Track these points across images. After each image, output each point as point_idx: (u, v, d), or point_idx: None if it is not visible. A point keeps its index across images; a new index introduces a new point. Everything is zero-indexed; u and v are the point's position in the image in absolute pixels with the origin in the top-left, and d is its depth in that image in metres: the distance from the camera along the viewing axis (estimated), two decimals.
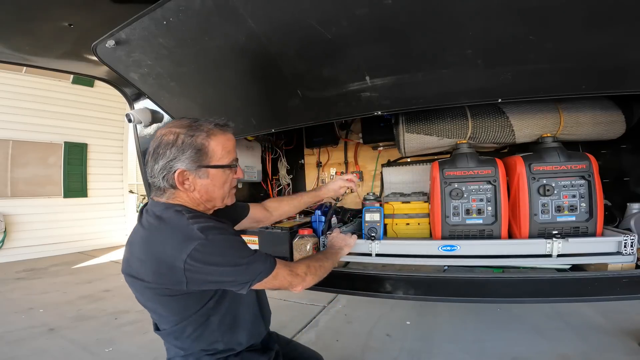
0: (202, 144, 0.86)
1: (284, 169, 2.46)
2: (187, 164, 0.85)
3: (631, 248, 1.17)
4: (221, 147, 0.89)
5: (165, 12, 1.03)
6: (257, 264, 0.84)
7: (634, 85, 1.06)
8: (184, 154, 0.85)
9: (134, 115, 2.09)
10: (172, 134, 0.86)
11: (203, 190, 0.89)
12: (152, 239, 0.82)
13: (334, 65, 1.19)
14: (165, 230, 0.82)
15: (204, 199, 0.91)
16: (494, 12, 0.91)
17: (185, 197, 0.90)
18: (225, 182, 0.93)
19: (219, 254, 0.80)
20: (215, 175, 0.90)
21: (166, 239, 0.80)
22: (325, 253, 1.20)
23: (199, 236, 0.77)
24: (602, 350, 2.01)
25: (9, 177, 5.72)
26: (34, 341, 2.50)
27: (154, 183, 0.89)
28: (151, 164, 0.87)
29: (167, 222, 0.83)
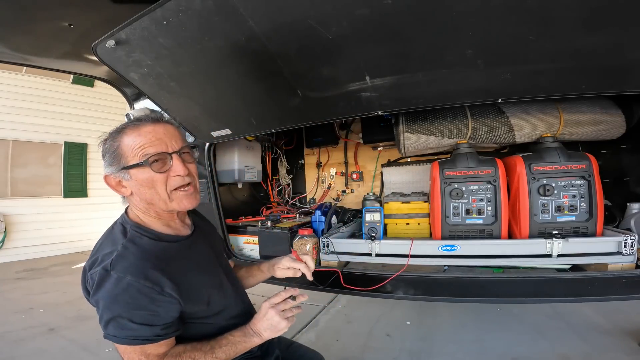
0: (113, 145, 0.83)
1: (284, 169, 2.46)
2: (108, 169, 0.84)
3: (631, 248, 1.17)
4: (131, 145, 0.82)
5: (165, 12, 1.03)
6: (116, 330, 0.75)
7: (634, 85, 1.06)
8: (105, 159, 0.84)
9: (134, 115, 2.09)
10: (102, 144, 0.86)
11: (136, 191, 0.85)
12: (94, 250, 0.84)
13: (334, 65, 1.18)
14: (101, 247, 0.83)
15: (143, 202, 0.86)
16: (494, 12, 0.91)
17: (132, 201, 0.89)
18: (154, 181, 0.82)
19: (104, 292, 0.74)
20: (135, 175, 0.82)
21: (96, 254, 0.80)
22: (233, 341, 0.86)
23: (106, 266, 0.75)
24: (602, 350, 2.01)
25: (9, 177, 5.72)
26: (34, 341, 2.50)
27: None
28: None
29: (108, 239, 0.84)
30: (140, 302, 0.74)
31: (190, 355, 0.80)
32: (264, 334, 0.87)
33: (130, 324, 0.74)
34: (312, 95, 1.33)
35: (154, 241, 0.84)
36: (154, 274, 0.76)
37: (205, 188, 1.96)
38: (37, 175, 6.04)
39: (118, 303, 0.73)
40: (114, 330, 0.75)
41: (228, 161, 2.01)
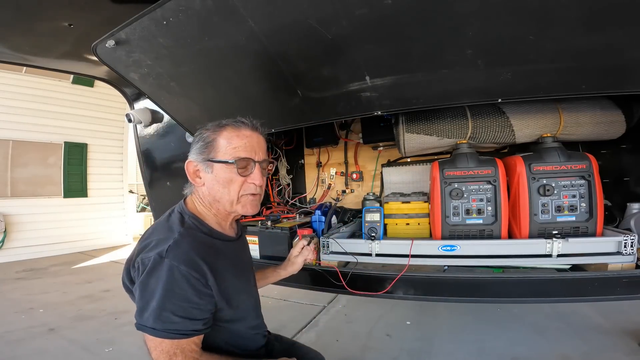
0: (209, 136, 0.87)
1: (284, 169, 2.46)
2: (194, 156, 0.88)
3: (631, 248, 1.17)
4: (227, 142, 0.86)
5: (165, 12, 1.03)
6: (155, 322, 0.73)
7: (634, 85, 1.06)
8: (195, 145, 0.88)
9: (134, 115, 2.09)
10: (203, 131, 0.90)
11: (209, 185, 0.88)
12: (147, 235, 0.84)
13: (334, 65, 1.19)
14: (156, 232, 0.83)
15: (211, 197, 0.89)
16: (494, 12, 0.91)
17: (200, 192, 0.91)
18: (231, 182, 0.86)
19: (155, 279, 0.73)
20: (218, 170, 0.86)
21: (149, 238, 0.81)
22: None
23: (161, 252, 0.75)
24: (602, 350, 2.01)
25: (9, 177, 5.71)
26: (34, 341, 2.50)
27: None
28: None
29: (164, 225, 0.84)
30: (187, 295, 0.75)
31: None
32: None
33: (173, 316, 0.73)
34: (312, 95, 1.33)
35: (207, 236, 0.87)
36: (202, 266, 0.78)
37: None
38: (37, 175, 6.03)
39: (167, 293, 0.73)
40: (153, 321, 0.73)
41: None
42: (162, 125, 2.18)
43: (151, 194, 2.40)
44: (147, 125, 2.18)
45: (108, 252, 6.20)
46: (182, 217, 0.87)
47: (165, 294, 0.73)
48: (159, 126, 2.19)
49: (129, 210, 7.33)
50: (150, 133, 2.24)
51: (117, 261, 5.45)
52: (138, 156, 2.39)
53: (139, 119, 2.09)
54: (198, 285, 0.76)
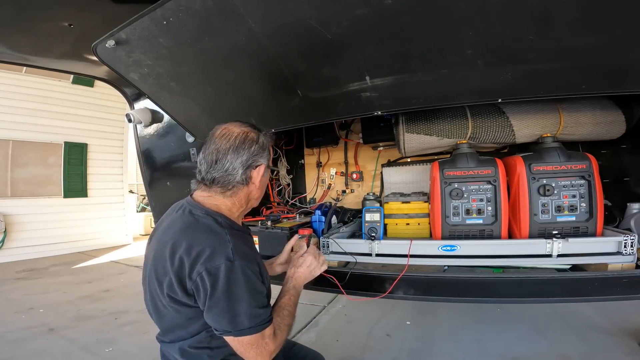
0: (269, 145, 0.99)
1: (284, 169, 2.46)
2: (267, 161, 0.97)
3: (631, 248, 1.17)
4: (271, 150, 1.03)
5: (165, 12, 1.03)
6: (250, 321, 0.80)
7: (634, 85, 1.06)
8: (265, 151, 0.96)
9: (134, 115, 2.09)
10: (254, 133, 0.95)
11: (262, 186, 0.99)
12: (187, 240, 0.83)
13: (334, 65, 1.19)
14: (200, 238, 0.83)
15: (257, 196, 1.00)
16: (494, 12, 0.91)
17: (244, 194, 0.95)
18: (266, 183, 1.04)
19: (236, 283, 0.78)
20: (267, 173, 1.01)
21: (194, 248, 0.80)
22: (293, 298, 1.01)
23: (229, 256, 0.79)
24: (602, 350, 2.01)
25: (9, 177, 5.71)
26: (34, 341, 2.50)
27: (226, 178, 0.91)
28: (231, 158, 0.90)
29: (203, 230, 0.85)
30: (259, 287, 0.84)
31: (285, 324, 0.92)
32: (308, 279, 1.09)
33: (258, 310, 0.82)
34: (312, 95, 1.33)
35: (241, 232, 0.94)
36: (258, 259, 0.89)
37: None
38: (37, 175, 6.03)
39: (250, 292, 0.81)
40: (250, 322, 0.80)
41: None
42: (162, 125, 2.18)
43: (151, 194, 2.40)
44: (147, 125, 2.18)
45: (108, 252, 6.20)
46: (214, 218, 0.88)
47: (249, 293, 0.80)
48: (159, 126, 2.19)
49: (129, 210, 7.33)
50: (150, 133, 2.24)
51: (117, 261, 5.45)
52: (138, 156, 2.39)
53: (139, 119, 2.09)
54: (259, 277, 0.85)
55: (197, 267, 0.78)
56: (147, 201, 4.01)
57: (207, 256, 0.78)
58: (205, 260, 0.78)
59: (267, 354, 0.83)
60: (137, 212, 8.40)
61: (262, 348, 0.82)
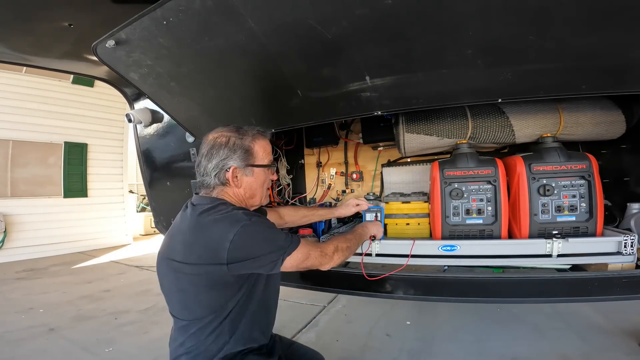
0: (249, 145, 1.01)
1: (284, 169, 2.46)
2: (237, 162, 0.99)
3: (631, 248, 1.17)
4: (262, 150, 1.04)
5: (165, 12, 1.03)
6: (289, 242, 0.94)
7: (634, 85, 1.06)
8: (235, 153, 0.99)
9: (134, 115, 2.09)
10: (224, 137, 1.00)
11: (248, 187, 1.03)
12: (201, 225, 0.91)
13: (334, 65, 1.19)
14: (215, 218, 0.91)
15: (247, 196, 1.04)
16: (494, 12, 0.91)
17: (231, 193, 1.02)
18: (265, 181, 1.07)
19: (260, 231, 0.91)
20: (258, 173, 1.04)
21: (215, 223, 0.89)
22: (355, 233, 1.25)
23: (244, 219, 0.89)
24: (602, 350, 2.01)
25: (9, 177, 5.71)
26: (34, 341, 2.50)
27: (204, 181, 1.01)
28: (204, 163, 1.00)
29: (216, 210, 0.93)
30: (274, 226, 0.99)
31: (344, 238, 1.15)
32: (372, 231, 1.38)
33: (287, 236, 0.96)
34: (312, 95, 1.33)
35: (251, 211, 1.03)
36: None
37: None
38: (37, 175, 6.03)
39: (272, 231, 0.95)
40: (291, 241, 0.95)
41: None
42: (162, 125, 2.18)
43: (151, 194, 2.40)
44: (147, 125, 2.18)
45: (108, 252, 6.20)
46: (221, 201, 0.98)
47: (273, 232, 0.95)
48: (159, 126, 2.19)
49: (129, 210, 7.33)
50: (150, 133, 2.24)
51: (117, 261, 5.45)
52: (138, 156, 2.39)
53: (139, 119, 2.09)
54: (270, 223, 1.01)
55: (226, 244, 0.86)
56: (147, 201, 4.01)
57: (227, 231, 0.87)
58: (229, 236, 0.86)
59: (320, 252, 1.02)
60: (137, 212, 8.40)
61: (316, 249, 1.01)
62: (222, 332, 0.92)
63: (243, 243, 0.87)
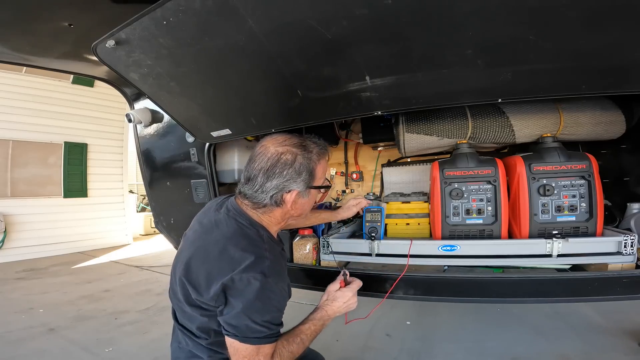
0: (313, 167, 0.92)
1: None
2: (301, 186, 0.90)
3: (631, 248, 1.17)
4: (322, 171, 0.97)
5: (165, 12, 1.02)
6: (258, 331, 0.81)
7: (634, 85, 1.06)
8: (301, 176, 0.89)
9: (134, 115, 2.09)
10: (290, 154, 0.89)
11: (300, 208, 0.95)
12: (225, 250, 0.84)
13: (334, 65, 1.18)
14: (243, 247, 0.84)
15: (296, 215, 0.97)
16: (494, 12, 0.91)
17: (279, 213, 0.94)
18: (315, 199, 1.02)
19: (262, 297, 0.80)
20: (313, 194, 0.97)
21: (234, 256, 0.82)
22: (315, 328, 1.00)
23: (264, 271, 0.81)
24: (602, 350, 2.01)
25: (9, 177, 5.71)
26: (34, 341, 2.49)
27: (256, 197, 0.90)
28: (261, 180, 0.88)
29: (246, 239, 0.86)
30: (280, 305, 0.87)
31: (288, 350, 0.89)
32: (339, 314, 1.09)
33: (271, 325, 0.84)
34: (312, 95, 1.33)
35: (277, 246, 0.97)
36: (287, 279, 0.93)
37: (205, 188, 1.96)
38: (37, 175, 6.03)
39: (272, 308, 0.84)
40: (259, 333, 0.81)
41: (228, 161, 2.01)
42: (162, 125, 2.17)
43: (151, 194, 2.40)
44: (147, 125, 2.18)
45: (108, 252, 6.20)
46: (258, 231, 0.90)
47: (270, 308, 0.83)
48: (159, 126, 2.19)
49: (129, 210, 7.33)
50: (150, 133, 2.24)
51: (117, 261, 5.45)
52: (138, 156, 2.39)
53: (139, 119, 2.09)
54: (286, 296, 0.90)
55: (233, 274, 0.80)
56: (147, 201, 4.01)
57: (246, 266, 0.80)
58: (244, 270, 0.80)
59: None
60: (137, 212, 8.40)
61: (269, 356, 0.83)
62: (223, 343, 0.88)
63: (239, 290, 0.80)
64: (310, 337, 0.96)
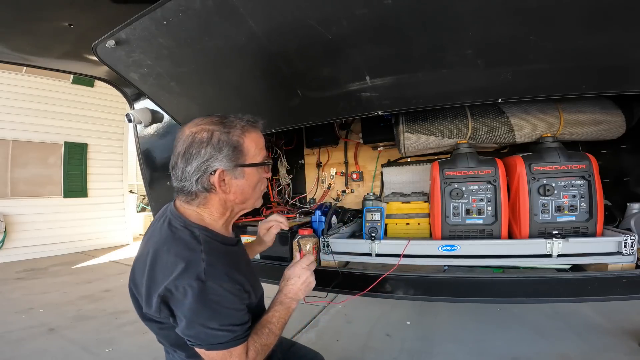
0: (237, 140, 0.81)
1: (284, 169, 2.46)
2: (225, 163, 0.79)
3: (631, 248, 1.17)
4: (255, 144, 0.84)
5: (165, 12, 1.03)
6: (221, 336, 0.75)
7: (634, 85, 1.06)
8: (222, 152, 0.79)
9: (134, 115, 2.09)
10: (205, 132, 0.79)
11: (239, 191, 0.84)
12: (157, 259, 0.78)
13: (334, 65, 1.19)
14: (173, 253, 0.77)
15: (238, 201, 0.86)
16: (494, 12, 0.91)
17: (217, 202, 0.84)
18: (259, 182, 0.88)
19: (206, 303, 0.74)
20: (250, 174, 0.84)
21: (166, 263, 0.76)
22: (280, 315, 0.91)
23: (199, 276, 0.73)
24: (602, 350, 2.01)
25: (9, 177, 5.71)
26: (34, 341, 2.50)
27: (184, 187, 0.82)
28: (181, 166, 0.81)
29: (178, 244, 0.78)
30: (236, 305, 0.78)
31: (260, 343, 0.83)
32: (300, 295, 0.96)
33: (233, 327, 0.77)
34: (312, 95, 1.33)
35: (223, 245, 0.86)
36: (238, 276, 0.81)
37: None
38: (37, 175, 6.03)
39: (222, 312, 0.76)
40: (222, 338, 0.75)
41: None
42: (162, 125, 2.18)
43: (151, 194, 2.40)
44: (147, 125, 2.18)
45: (108, 252, 6.20)
46: (192, 232, 0.81)
47: (221, 311, 0.76)
48: (159, 126, 2.19)
49: (129, 210, 7.33)
50: (150, 133, 2.24)
51: (117, 261, 5.45)
52: (138, 156, 2.39)
53: (139, 119, 2.09)
54: (240, 294, 0.80)
55: (167, 284, 0.73)
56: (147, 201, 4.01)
57: (178, 274, 0.73)
58: (176, 278, 0.73)
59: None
60: (137, 212, 8.40)
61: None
62: None
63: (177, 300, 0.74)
64: (279, 325, 0.89)
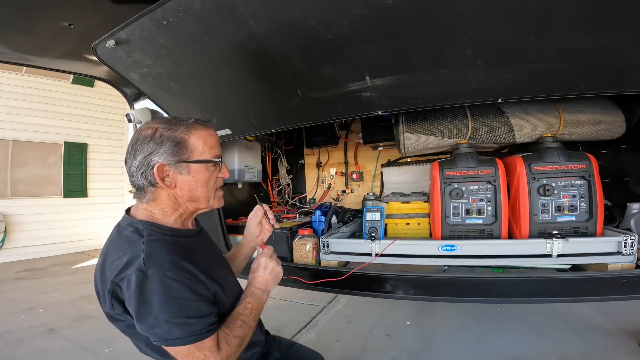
0: (181, 137, 0.83)
1: (284, 169, 2.46)
2: (165, 157, 0.81)
3: (631, 248, 1.17)
4: (202, 142, 0.85)
5: (165, 12, 1.03)
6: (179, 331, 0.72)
7: (634, 85, 1.06)
8: (162, 147, 0.81)
9: (134, 115, 2.09)
10: (150, 129, 0.83)
11: (185, 187, 0.85)
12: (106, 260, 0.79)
13: (334, 65, 1.19)
14: (117, 250, 0.78)
15: (187, 198, 0.86)
16: (494, 12, 0.91)
17: (166, 197, 0.85)
18: (209, 180, 0.88)
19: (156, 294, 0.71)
20: (197, 171, 0.85)
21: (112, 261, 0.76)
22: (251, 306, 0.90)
23: (140, 268, 0.71)
24: (602, 350, 2.01)
25: (9, 177, 5.71)
26: (34, 341, 2.49)
27: (133, 182, 0.85)
28: (130, 161, 0.83)
29: (122, 241, 0.80)
30: (186, 295, 0.74)
31: (233, 336, 0.81)
32: (270, 286, 0.96)
33: (188, 320, 0.73)
34: (312, 95, 1.33)
35: (173, 237, 0.84)
36: (186, 265, 0.77)
37: None
38: (37, 175, 6.03)
39: (169, 302, 0.72)
40: (177, 332, 0.72)
41: (228, 161, 2.01)
42: None
43: None
44: None
45: None
46: (136, 228, 0.81)
47: (172, 302, 0.72)
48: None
49: None
50: None
51: None
52: None
53: (139, 119, 2.09)
54: (191, 284, 0.76)
55: (113, 278, 0.74)
56: None
57: (122, 268, 0.73)
58: (120, 271, 0.73)
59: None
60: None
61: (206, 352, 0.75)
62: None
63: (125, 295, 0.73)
64: (252, 317, 0.88)
